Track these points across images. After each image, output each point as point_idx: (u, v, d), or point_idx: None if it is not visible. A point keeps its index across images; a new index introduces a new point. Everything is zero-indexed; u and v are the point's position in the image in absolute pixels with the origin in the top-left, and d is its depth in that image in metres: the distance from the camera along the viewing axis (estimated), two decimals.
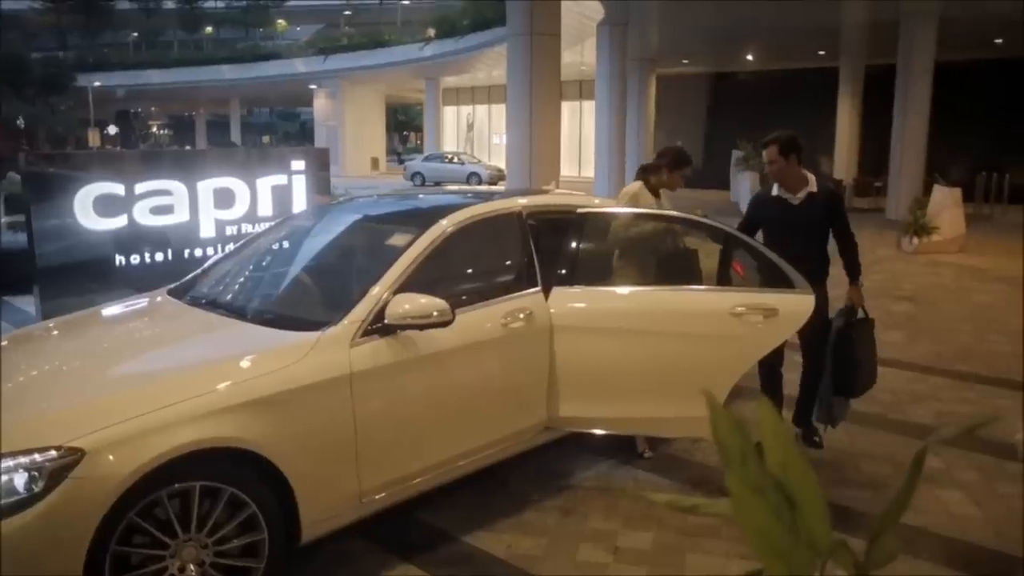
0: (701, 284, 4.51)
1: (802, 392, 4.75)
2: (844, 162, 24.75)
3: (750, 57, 26.83)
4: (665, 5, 18.91)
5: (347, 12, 57.01)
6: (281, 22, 59.68)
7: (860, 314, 4.67)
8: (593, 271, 4.34)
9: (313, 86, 41.85)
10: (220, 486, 2.91)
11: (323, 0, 60.38)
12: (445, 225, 3.87)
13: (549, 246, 4.26)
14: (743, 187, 19.96)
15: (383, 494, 3.46)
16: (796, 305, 3.98)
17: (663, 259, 4.78)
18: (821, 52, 24.26)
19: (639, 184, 5.34)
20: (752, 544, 1.06)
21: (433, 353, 3.55)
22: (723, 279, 4.37)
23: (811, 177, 4.66)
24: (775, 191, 4.70)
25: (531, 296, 4.02)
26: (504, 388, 3.93)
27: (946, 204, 13.19)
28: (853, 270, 4.67)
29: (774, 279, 4.13)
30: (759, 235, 4.75)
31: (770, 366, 4.64)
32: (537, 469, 4.42)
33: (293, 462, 3.07)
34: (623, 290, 4.24)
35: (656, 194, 5.35)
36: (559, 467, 4.48)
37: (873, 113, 23.12)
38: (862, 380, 4.59)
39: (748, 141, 20.38)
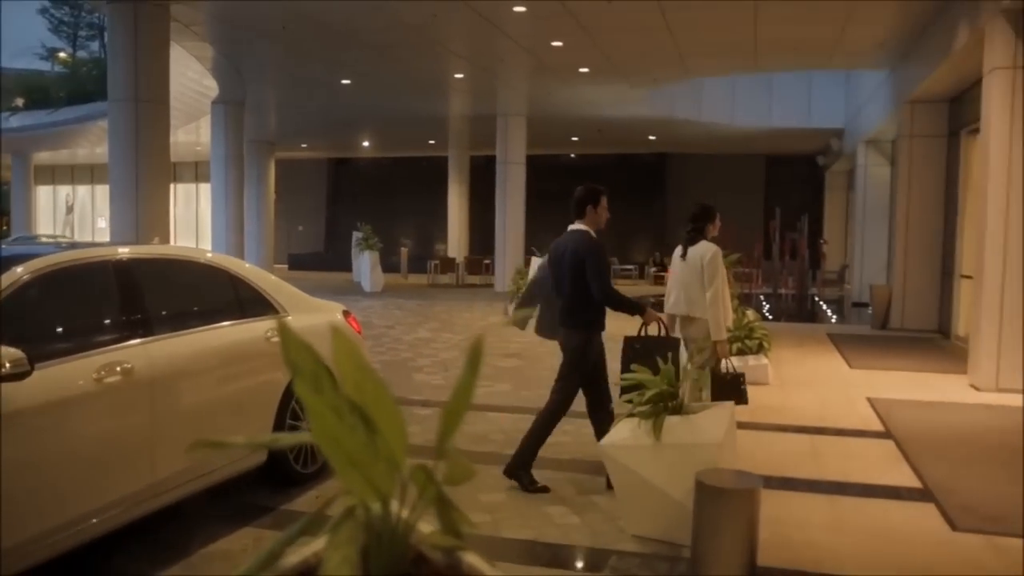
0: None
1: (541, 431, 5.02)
2: (456, 242, 26.69)
3: (367, 144, 28.02)
4: (279, 86, 19.08)
5: None
6: None
7: None
8: (189, 318, 4.33)
9: None
10: None
11: None
12: (20, 273, 3.44)
13: (149, 296, 4.01)
14: (364, 266, 20.56)
15: None
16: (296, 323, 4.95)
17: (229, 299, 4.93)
18: (432, 141, 26.16)
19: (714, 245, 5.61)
20: (329, 455, 1.05)
21: (10, 412, 3.08)
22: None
23: None
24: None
25: (129, 348, 3.70)
26: (101, 450, 3.54)
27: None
28: None
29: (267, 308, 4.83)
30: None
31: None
32: (149, 540, 4.00)
33: None
34: (214, 331, 4.37)
35: None
36: (175, 535, 4.10)
37: (479, 198, 25.40)
38: None
39: (367, 223, 21.14)
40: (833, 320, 15.61)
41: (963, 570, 3.78)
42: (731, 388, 5.30)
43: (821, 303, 18.29)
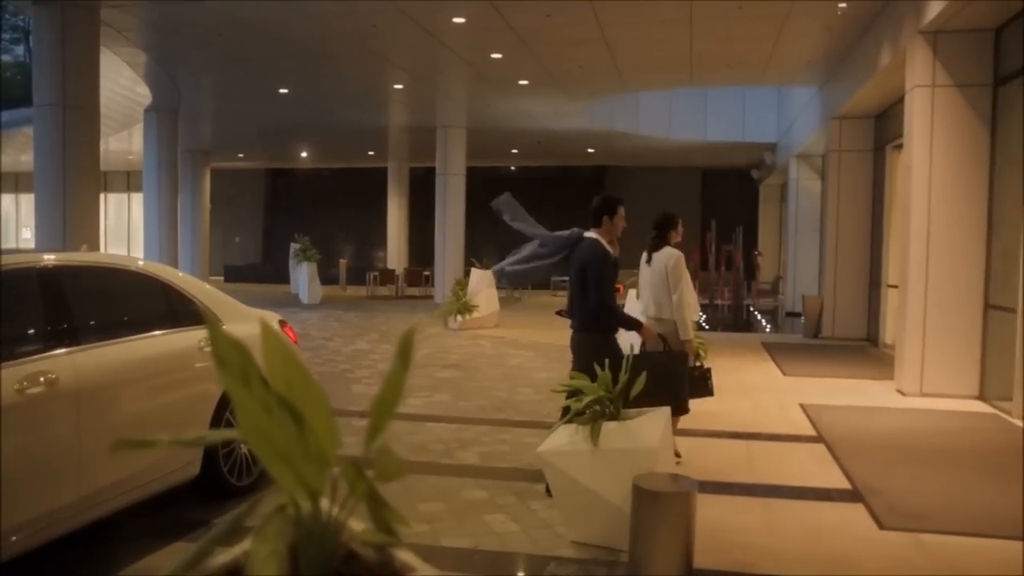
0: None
1: None
2: (395, 254, 26.53)
3: (305, 154, 27.69)
4: (214, 94, 18.74)
5: None
6: None
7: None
8: (119, 327, 4.23)
9: None
10: None
11: None
12: None
13: (77, 304, 3.90)
14: (302, 278, 20.29)
15: None
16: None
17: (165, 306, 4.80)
18: (371, 153, 25.98)
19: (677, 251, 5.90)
20: (258, 450, 1.04)
21: None
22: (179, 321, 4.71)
23: None
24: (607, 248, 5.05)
25: (54, 358, 3.58)
26: (22, 464, 3.40)
27: (483, 286, 14.82)
28: None
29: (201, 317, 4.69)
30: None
31: None
32: (75, 557, 3.87)
33: None
34: (144, 340, 4.27)
35: None
36: (103, 550, 3.98)
37: (419, 210, 25.33)
38: None
39: (306, 234, 20.88)
40: (767, 329, 15.96)
41: (891, 566, 3.90)
42: (700, 383, 5.70)
43: (756, 313, 18.70)
